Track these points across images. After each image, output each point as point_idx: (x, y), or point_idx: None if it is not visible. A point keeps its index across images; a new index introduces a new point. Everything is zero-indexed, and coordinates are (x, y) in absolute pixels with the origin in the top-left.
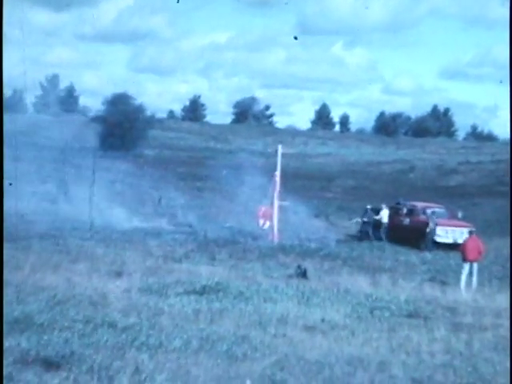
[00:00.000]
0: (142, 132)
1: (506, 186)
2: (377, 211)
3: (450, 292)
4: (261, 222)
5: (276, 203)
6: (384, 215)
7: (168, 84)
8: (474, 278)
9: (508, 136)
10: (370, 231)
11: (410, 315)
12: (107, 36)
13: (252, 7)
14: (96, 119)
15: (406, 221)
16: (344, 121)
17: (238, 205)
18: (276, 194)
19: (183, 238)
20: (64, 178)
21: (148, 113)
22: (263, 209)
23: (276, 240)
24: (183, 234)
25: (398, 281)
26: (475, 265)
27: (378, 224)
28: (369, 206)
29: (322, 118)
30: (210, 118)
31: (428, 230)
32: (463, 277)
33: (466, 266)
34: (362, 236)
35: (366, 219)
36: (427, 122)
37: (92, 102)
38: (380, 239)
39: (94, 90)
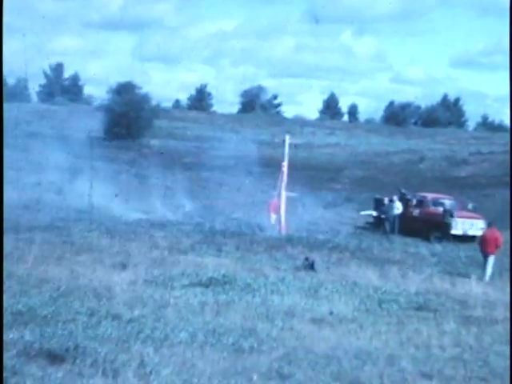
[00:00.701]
0: (147, 121)
1: None
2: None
3: (460, 284)
4: (272, 217)
5: (283, 194)
6: (399, 207)
7: (174, 73)
8: (489, 271)
9: None
10: (388, 225)
11: (419, 308)
12: (112, 24)
13: None
14: (101, 108)
15: (416, 212)
16: (353, 110)
17: (245, 195)
18: (283, 185)
19: (189, 229)
20: (68, 168)
21: (154, 102)
22: (274, 203)
23: (283, 232)
24: (189, 225)
25: (408, 273)
26: (491, 257)
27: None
28: (386, 198)
29: (331, 107)
30: (216, 107)
31: (449, 221)
32: (489, 269)
33: (488, 259)
34: (377, 229)
35: (382, 213)
36: (437, 112)
37: (97, 91)
38: (393, 232)
39: (99, 79)
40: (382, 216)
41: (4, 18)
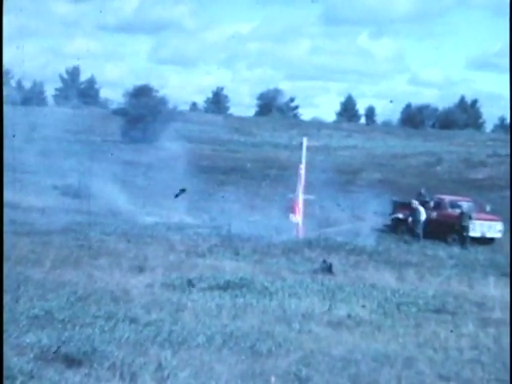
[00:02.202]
0: (164, 124)
1: None
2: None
3: (478, 287)
4: (293, 216)
5: (301, 197)
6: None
7: (191, 75)
8: None
9: None
10: (420, 229)
11: (437, 310)
12: (129, 26)
13: None
14: (117, 112)
15: (434, 214)
16: (370, 113)
17: (262, 198)
18: (301, 188)
19: (206, 233)
20: (85, 172)
21: (170, 105)
22: (295, 201)
23: (301, 234)
24: (206, 228)
25: (425, 275)
26: None
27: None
28: (413, 201)
29: (348, 109)
30: (233, 110)
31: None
32: None
33: None
34: (395, 231)
35: (411, 217)
36: (454, 114)
37: (113, 95)
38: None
39: (115, 82)
40: (410, 219)
41: (20, 21)
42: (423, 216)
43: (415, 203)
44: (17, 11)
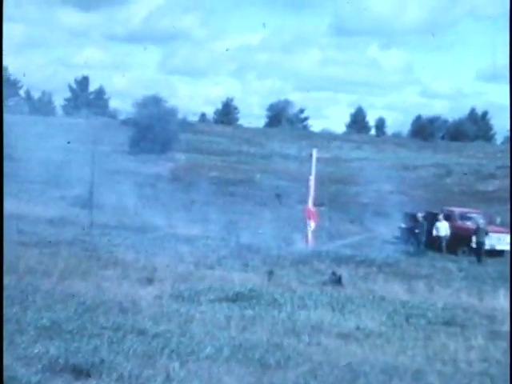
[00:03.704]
0: (173, 135)
1: None
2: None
3: (488, 299)
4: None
5: (311, 208)
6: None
7: (200, 86)
8: None
9: None
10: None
11: (446, 323)
12: (138, 37)
13: (286, 7)
14: (126, 122)
15: None
16: (380, 124)
17: (271, 210)
18: (311, 199)
19: (215, 244)
20: (93, 183)
21: (179, 116)
22: (311, 210)
23: (310, 246)
24: (215, 239)
25: (435, 288)
26: None
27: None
28: (419, 214)
29: (358, 121)
30: (242, 121)
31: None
32: None
33: None
34: (405, 244)
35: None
36: (465, 126)
37: (122, 105)
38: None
39: (124, 93)
40: (416, 231)
41: (29, 31)
42: (445, 230)
43: (420, 216)
44: (26, 22)
